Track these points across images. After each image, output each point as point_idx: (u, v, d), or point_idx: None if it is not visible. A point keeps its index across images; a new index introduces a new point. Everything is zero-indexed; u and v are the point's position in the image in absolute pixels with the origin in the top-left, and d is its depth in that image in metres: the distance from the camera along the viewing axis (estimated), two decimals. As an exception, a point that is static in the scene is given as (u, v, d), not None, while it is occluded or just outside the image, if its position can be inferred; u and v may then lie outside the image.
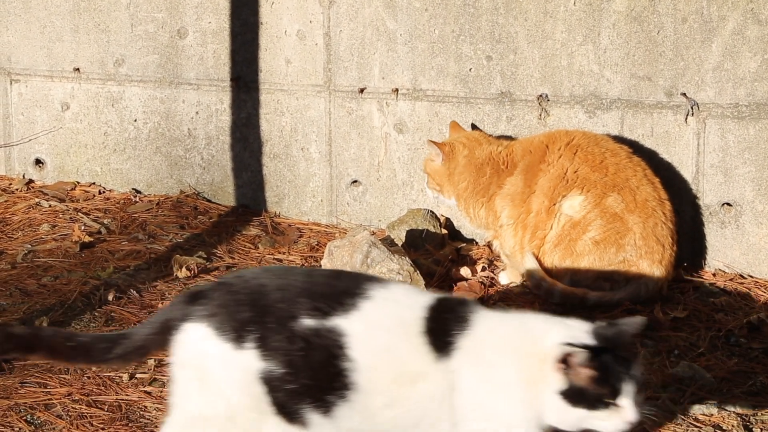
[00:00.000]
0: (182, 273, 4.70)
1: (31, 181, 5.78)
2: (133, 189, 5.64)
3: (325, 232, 5.26)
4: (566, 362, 2.77)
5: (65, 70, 5.67)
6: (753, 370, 4.01)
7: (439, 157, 4.79)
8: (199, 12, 5.43)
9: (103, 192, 5.64)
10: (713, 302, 4.50)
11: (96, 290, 4.55)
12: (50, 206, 5.45)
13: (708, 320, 4.37)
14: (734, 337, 4.25)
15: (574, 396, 2.78)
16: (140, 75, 5.55)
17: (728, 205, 4.77)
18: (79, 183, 5.71)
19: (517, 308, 2.97)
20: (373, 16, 5.15)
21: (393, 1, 5.11)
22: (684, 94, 4.76)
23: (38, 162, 5.79)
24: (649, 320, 4.30)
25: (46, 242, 5.07)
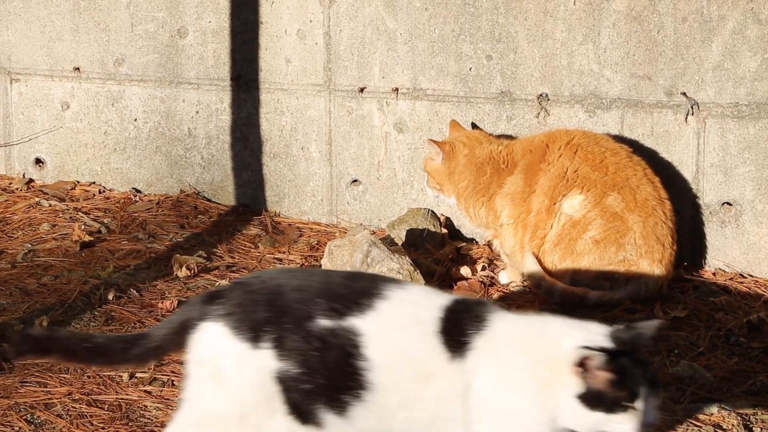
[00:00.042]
0: (182, 272, 4.70)
1: (31, 181, 5.78)
2: (133, 188, 5.64)
3: (325, 231, 5.26)
4: (584, 366, 2.75)
5: (65, 70, 5.66)
6: (753, 370, 4.01)
7: (440, 156, 4.79)
8: (199, 11, 5.43)
9: (103, 191, 5.64)
10: (713, 301, 4.50)
11: (96, 289, 4.55)
12: (50, 206, 5.45)
13: (708, 319, 4.37)
14: (734, 337, 4.24)
15: (591, 399, 2.76)
16: (140, 74, 5.55)
17: (728, 204, 4.77)
18: (79, 182, 5.71)
19: (522, 308, 2.95)
20: (373, 16, 5.15)
21: (393, 1, 5.11)
22: (684, 94, 4.76)
23: (38, 161, 5.79)
24: (649, 319, 4.31)
25: (46, 241, 5.07)
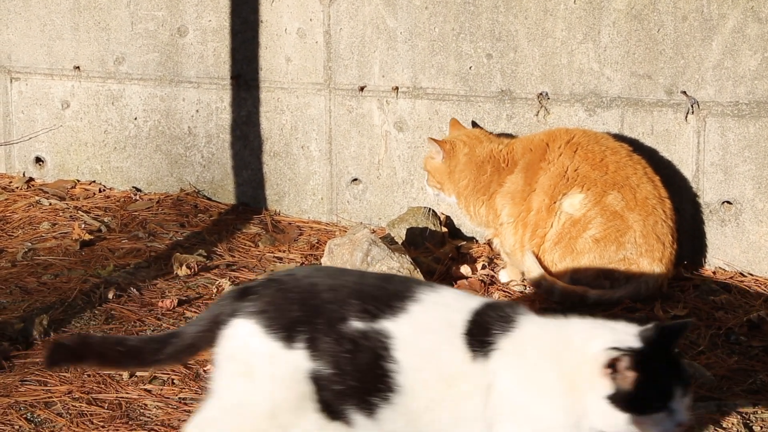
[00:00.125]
0: (182, 271, 4.70)
1: (32, 180, 5.78)
2: (134, 187, 5.64)
3: (326, 230, 5.26)
4: (613, 367, 2.72)
5: (65, 69, 5.66)
6: (753, 368, 4.01)
7: (440, 155, 4.78)
8: (199, 10, 5.43)
9: (104, 190, 5.64)
10: (713, 300, 4.50)
11: (96, 288, 4.55)
12: (50, 204, 5.45)
13: (708, 318, 4.37)
14: (734, 335, 4.24)
15: (622, 401, 2.73)
16: (140, 73, 5.55)
17: (728, 203, 4.77)
18: (79, 181, 5.71)
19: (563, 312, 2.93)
20: (373, 14, 5.15)
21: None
22: (684, 93, 4.75)
23: (38, 160, 5.79)
24: (649, 318, 4.31)
25: (46, 240, 5.07)
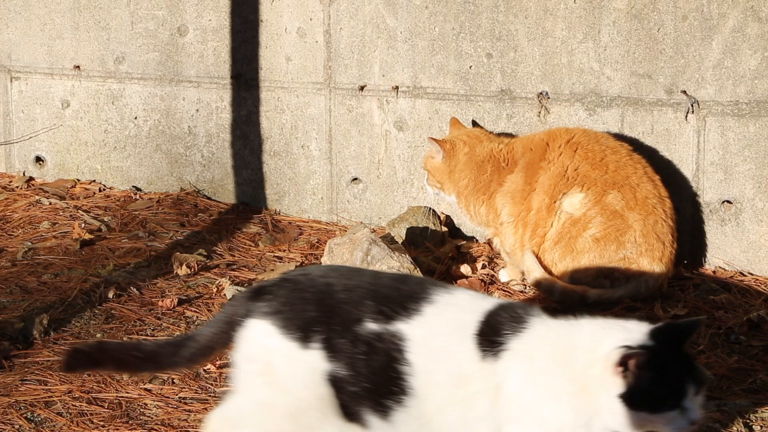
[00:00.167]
0: (182, 270, 4.70)
1: (32, 179, 5.78)
2: (134, 186, 5.64)
3: (326, 229, 5.26)
4: (625, 365, 2.70)
5: (65, 68, 5.66)
6: (753, 368, 4.01)
7: (440, 155, 4.78)
8: (199, 9, 5.43)
9: (104, 189, 5.64)
10: (713, 300, 4.50)
11: (96, 288, 4.55)
12: (50, 204, 5.45)
13: (708, 318, 4.37)
14: (734, 335, 4.24)
15: (635, 399, 2.71)
16: (140, 72, 5.55)
17: (728, 202, 4.77)
18: (79, 180, 5.71)
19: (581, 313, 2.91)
20: (373, 14, 5.15)
21: (393, -1, 5.12)
22: (684, 92, 4.75)
23: (38, 159, 5.79)
24: (649, 318, 4.31)
25: (46, 240, 5.07)
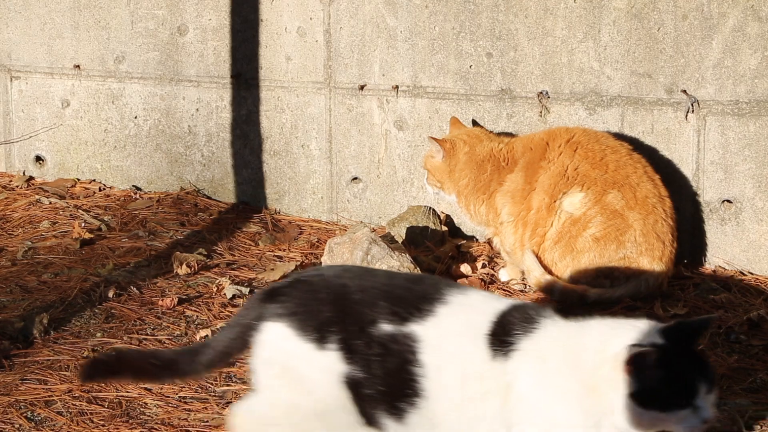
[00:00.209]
0: (182, 270, 4.70)
1: (32, 178, 5.78)
2: (134, 186, 5.64)
3: (326, 229, 5.26)
4: (635, 363, 2.68)
5: (65, 67, 5.66)
6: (753, 367, 4.01)
7: (440, 154, 4.78)
8: (199, 9, 5.43)
9: (104, 189, 5.64)
10: (713, 299, 4.50)
11: (96, 287, 4.55)
12: (50, 203, 5.45)
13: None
14: (734, 334, 4.24)
15: (645, 398, 2.69)
16: (140, 72, 5.55)
17: (728, 202, 4.77)
18: (79, 180, 5.71)
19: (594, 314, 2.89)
20: (373, 13, 5.15)
21: (393, -2, 5.12)
22: (684, 91, 4.75)
23: (38, 159, 5.79)
24: (649, 317, 4.31)
25: (46, 239, 5.07)
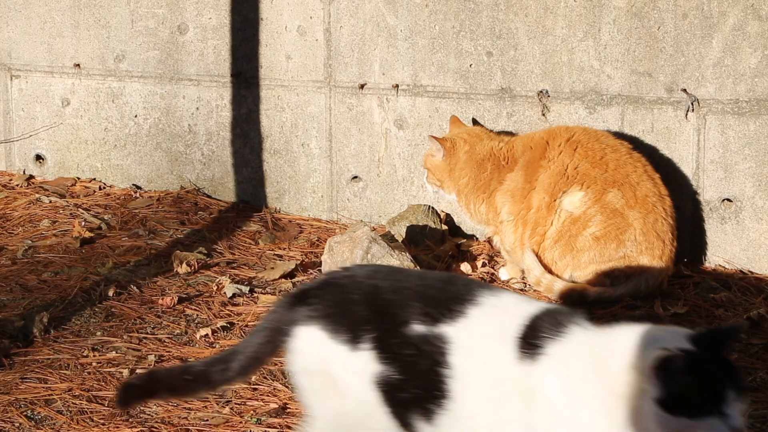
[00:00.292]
0: (182, 269, 4.70)
1: (32, 177, 5.78)
2: (134, 185, 5.64)
3: (326, 227, 5.26)
4: (663, 369, 2.62)
5: (65, 66, 5.67)
6: (753, 366, 4.01)
7: (440, 153, 4.78)
8: (199, 8, 5.43)
9: (104, 188, 5.64)
10: (713, 298, 4.50)
11: (96, 286, 4.55)
12: (50, 202, 5.45)
13: (708, 316, 4.37)
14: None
15: (673, 404, 2.63)
16: (141, 71, 5.55)
17: (728, 200, 4.77)
18: (79, 179, 5.71)
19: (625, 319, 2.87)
20: (373, 12, 5.15)
21: (393, -3, 5.12)
22: (684, 90, 4.76)
23: (38, 158, 5.79)
24: (649, 316, 4.31)
25: (46, 238, 5.07)
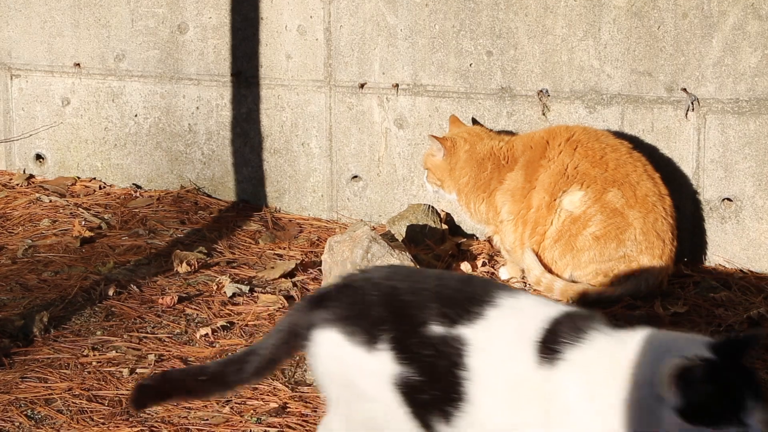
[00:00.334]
0: (183, 268, 4.70)
1: (32, 177, 5.78)
2: (134, 184, 5.64)
3: (326, 227, 5.26)
4: (683, 377, 2.60)
5: (66, 65, 5.67)
6: (753, 366, 4.01)
7: (441, 152, 4.78)
8: (199, 7, 5.43)
9: (104, 187, 5.64)
10: (713, 297, 4.50)
11: (96, 285, 4.55)
12: (51, 201, 5.45)
13: (708, 315, 4.37)
14: (734, 333, 4.24)
15: (693, 413, 2.60)
16: (141, 70, 5.55)
17: (728, 200, 4.77)
18: (79, 178, 5.71)
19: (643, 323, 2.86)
20: (373, 12, 5.15)
21: (393, -3, 5.12)
22: (684, 90, 4.76)
23: (39, 157, 5.79)
24: (649, 316, 4.32)
25: (46, 237, 5.07)
